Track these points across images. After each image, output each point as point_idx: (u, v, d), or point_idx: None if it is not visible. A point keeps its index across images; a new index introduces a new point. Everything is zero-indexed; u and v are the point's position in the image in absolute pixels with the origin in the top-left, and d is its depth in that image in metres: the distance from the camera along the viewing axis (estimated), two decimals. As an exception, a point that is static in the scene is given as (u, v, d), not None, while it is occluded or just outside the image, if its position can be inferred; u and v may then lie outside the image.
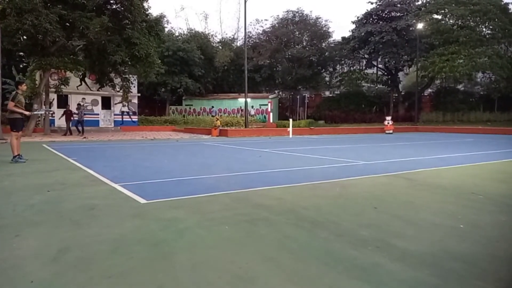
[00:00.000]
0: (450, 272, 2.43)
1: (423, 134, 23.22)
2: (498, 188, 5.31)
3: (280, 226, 3.43)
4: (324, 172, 6.94)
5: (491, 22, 28.92)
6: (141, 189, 5.01)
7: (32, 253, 2.74)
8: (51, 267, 2.47)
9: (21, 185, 5.45)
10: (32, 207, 4.10)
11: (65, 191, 4.98)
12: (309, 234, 3.20)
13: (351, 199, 4.55)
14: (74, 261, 2.58)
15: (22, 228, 3.34)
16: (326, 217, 3.72)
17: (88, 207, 4.06)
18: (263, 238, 3.10)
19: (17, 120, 7.91)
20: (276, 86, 41.15)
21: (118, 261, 2.58)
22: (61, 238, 3.07)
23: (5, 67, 22.57)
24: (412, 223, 3.54)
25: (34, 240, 3.03)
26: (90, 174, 6.49)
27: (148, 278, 2.32)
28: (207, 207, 4.09)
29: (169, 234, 3.19)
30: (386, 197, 4.68)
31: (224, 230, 3.30)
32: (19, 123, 7.99)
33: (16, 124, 7.94)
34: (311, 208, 4.07)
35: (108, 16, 18.12)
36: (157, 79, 28.83)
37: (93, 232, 3.22)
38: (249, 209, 4.01)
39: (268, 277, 2.34)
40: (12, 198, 4.56)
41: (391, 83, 37.10)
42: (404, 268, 2.48)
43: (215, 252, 2.78)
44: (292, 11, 38.56)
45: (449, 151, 11.37)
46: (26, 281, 2.27)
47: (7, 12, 16.45)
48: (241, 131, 21.85)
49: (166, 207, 4.08)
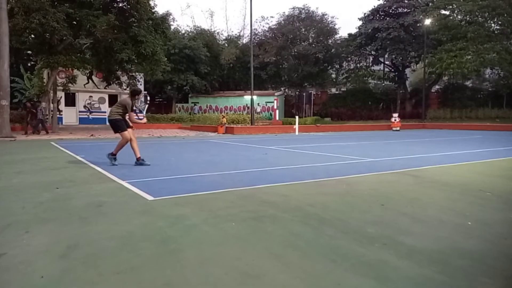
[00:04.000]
0: (457, 269, 2.42)
1: (430, 131, 23.04)
2: (506, 185, 5.26)
3: (286, 223, 3.44)
4: (330, 169, 6.93)
5: (500, 18, 28.51)
6: (148, 186, 5.05)
7: (42, 249, 2.78)
8: (61, 263, 2.51)
9: (30, 182, 5.52)
10: (41, 204, 4.15)
11: (74, 188, 5.04)
12: (315, 231, 3.20)
13: (358, 196, 4.54)
14: (83, 257, 2.61)
15: (32, 225, 3.38)
16: (332, 214, 3.72)
17: (96, 204, 4.11)
18: (270, 235, 3.11)
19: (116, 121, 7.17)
20: (282, 83, 41.01)
21: (126, 258, 2.61)
22: (70, 234, 3.11)
23: (13, 65, 22.74)
24: (419, 220, 3.53)
25: (43, 236, 3.07)
26: (98, 171, 6.55)
27: (156, 274, 2.34)
28: (213, 204, 4.11)
29: (176, 231, 3.21)
30: (393, 194, 4.67)
31: (231, 227, 3.31)
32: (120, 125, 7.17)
33: (118, 126, 7.17)
34: (318, 205, 4.07)
35: (115, 14, 18.18)
36: (163, 77, 28.88)
37: (102, 229, 3.26)
38: (255, 206, 4.02)
39: (275, 274, 2.35)
40: (21, 195, 4.62)
41: (398, 79, 36.79)
42: (411, 265, 2.48)
43: (222, 249, 2.80)
44: (298, 7, 38.33)
45: (456, 148, 11.27)
46: (37, 276, 2.31)
47: (15, 11, 16.60)
48: (247, 128, 21.84)
49: (173, 204, 4.10)
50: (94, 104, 25.79)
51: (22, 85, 25.97)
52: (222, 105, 35.02)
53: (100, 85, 25.18)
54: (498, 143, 13.10)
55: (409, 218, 3.58)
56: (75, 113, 25.52)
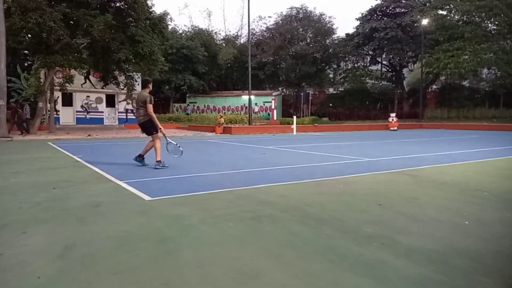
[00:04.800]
0: (455, 268, 2.43)
1: (427, 131, 23.09)
2: (503, 185, 5.28)
3: (284, 223, 3.43)
4: (328, 169, 6.93)
5: (497, 18, 28.58)
6: (145, 186, 5.03)
7: (39, 249, 2.77)
8: (58, 264, 2.50)
9: (27, 182, 5.49)
10: (39, 204, 4.13)
11: (71, 188, 5.02)
12: (313, 231, 3.20)
13: (355, 196, 4.54)
14: (81, 257, 2.60)
15: (29, 225, 3.37)
16: (330, 214, 3.72)
17: (94, 204, 4.09)
18: (268, 234, 3.11)
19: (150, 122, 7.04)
20: (280, 83, 41.04)
21: (124, 258, 2.60)
22: (67, 235, 3.09)
23: (10, 65, 22.66)
24: (417, 219, 3.54)
25: (40, 237, 3.06)
26: (95, 171, 6.53)
27: (154, 274, 2.33)
28: (211, 204, 4.11)
29: (174, 231, 3.20)
30: (390, 193, 4.67)
31: (229, 227, 3.31)
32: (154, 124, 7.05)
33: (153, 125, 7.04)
34: (316, 205, 4.07)
35: (112, 14, 18.13)
36: (161, 77, 28.85)
37: (99, 229, 3.24)
38: (254, 206, 4.02)
39: (273, 273, 2.35)
40: (19, 195, 4.60)
41: (396, 79, 36.88)
42: (409, 265, 2.48)
43: (220, 248, 2.79)
44: (295, 7, 38.39)
45: (454, 147, 11.30)
46: (34, 277, 2.30)
47: (12, 10, 16.52)
48: (245, 128, 21.83)
49: (171, 204, 4.09)
50: (92, 104, 25.69)
51: (19, 85, 25.88)
52: (220, 105, 34.99)
53: (97, 85, 25.10)
54: (494, 143, 13.15)
55: (407, 218, 3.59)
56: (72, 113, 25.40)
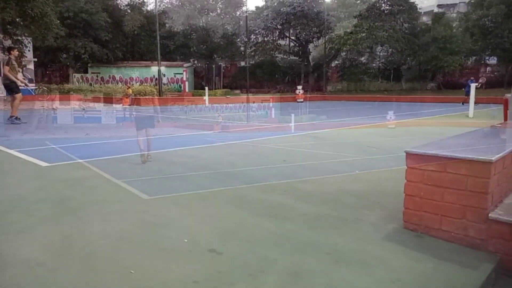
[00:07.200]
0: (345, 205, 2.76)
1: (330, 102, 24.88)
2: (389, 142, 6.02)
3: (193, 178, 3.50)
4: (239, 134, 7.11)
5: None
6: (42, 154, 4.62)
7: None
8: None
9: None
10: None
11: None
12: (222, 183, 3.32)
13: (263, 155, 4.78)
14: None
15: None
16: (239, 170, 3.87)
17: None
18: (177, 189, 3.14)
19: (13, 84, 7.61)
20: (191, 54, 39.94)
21: (18, 218, 2.41)
22: None
23: None
24: (315, 170, 3.88)
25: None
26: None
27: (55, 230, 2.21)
28: (117, 166, 3.97)
29: (75, 191, 3.04)
30: (294, 152, 5.01)
31: (138, 185, 3.25)
32: (16, 87, 7.65)
33: (13, 88, 7.63)
34: (225, 163, 4.19)
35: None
36: (56, 43, 25.86)
37: None
38: (164, 166, 3.99)
39: (181, 221, 2.41)
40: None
41: (302, 54, 38.60)
42: (307, 206, 2.74)
43: (126, 204, 2.75)
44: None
45: (350, 115, 12.42)
46: None
47: None
48: (155, 99, 20.98)
49: (72, 169, 3.85)
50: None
51: None
52: (127, 76, 32.87)
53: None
54: (384, 111, 14.76)
55: (307, 170, 3.91)
56: None
